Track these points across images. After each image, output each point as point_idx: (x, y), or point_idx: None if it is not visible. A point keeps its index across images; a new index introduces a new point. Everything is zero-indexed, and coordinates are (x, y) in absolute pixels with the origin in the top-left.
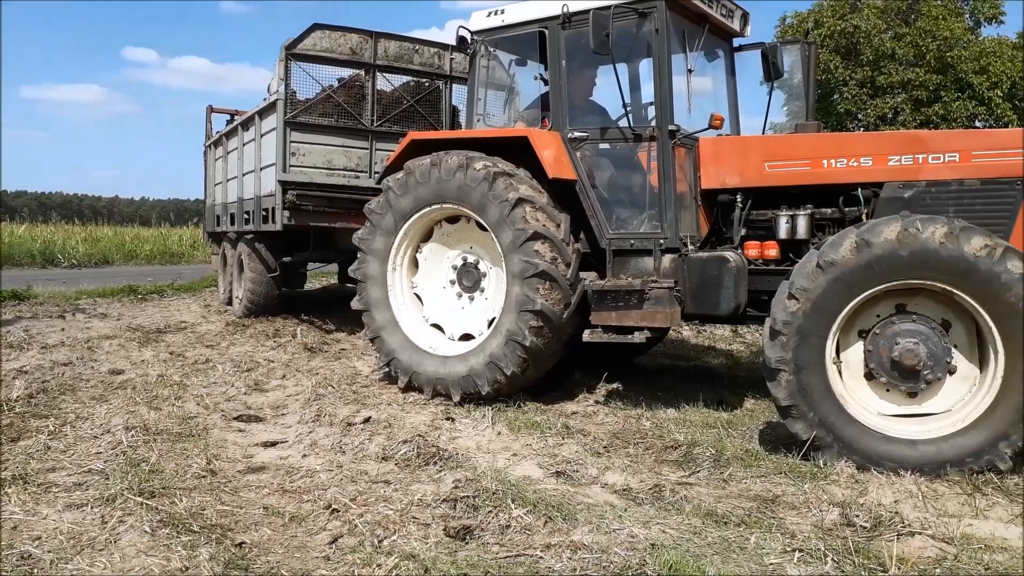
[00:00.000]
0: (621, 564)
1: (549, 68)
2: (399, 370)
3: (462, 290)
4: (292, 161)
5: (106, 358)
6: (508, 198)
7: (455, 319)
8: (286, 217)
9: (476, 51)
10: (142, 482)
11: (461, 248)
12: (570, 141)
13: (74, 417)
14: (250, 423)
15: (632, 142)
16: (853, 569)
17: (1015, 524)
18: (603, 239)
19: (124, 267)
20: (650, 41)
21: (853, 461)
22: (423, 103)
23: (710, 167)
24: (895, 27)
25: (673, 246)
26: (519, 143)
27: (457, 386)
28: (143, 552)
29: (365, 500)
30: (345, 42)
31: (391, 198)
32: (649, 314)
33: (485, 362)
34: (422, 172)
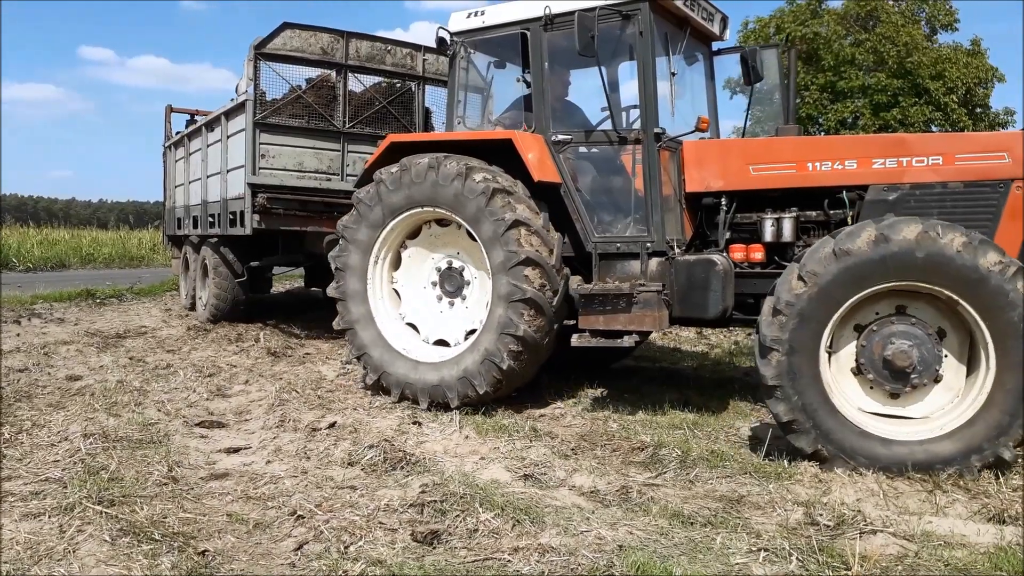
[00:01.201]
0: (589, 566)
1: (531, 70)
2: (369, 367)
3: (443, 294)
4: (262, 163)
5: (63, 364)
6: (504, 218)
7: (432, 322)
8: (256, 221)
9: (456, 53)
10: (101, 490)
11: (447, 252)
12: (554, 144)
13: (30, 425)
14: (212, 429)
15: (617, 145)
16: (817, 567)
17: (974, 521)
18: (588, 242)
19: (82, 271)
20: (634, 43)
21: (825, 451)
22: (395, 104)
23: (694, 170)
24: (855, 33)
25: (660, 249)
26: (500, 145)
27: (426, 394)
28: (103, 562)
29: (331, 506)
30: (316, 42)
31: (382, 192)
32: (637, 317)
33: (458, 376)
34: (418, 172)
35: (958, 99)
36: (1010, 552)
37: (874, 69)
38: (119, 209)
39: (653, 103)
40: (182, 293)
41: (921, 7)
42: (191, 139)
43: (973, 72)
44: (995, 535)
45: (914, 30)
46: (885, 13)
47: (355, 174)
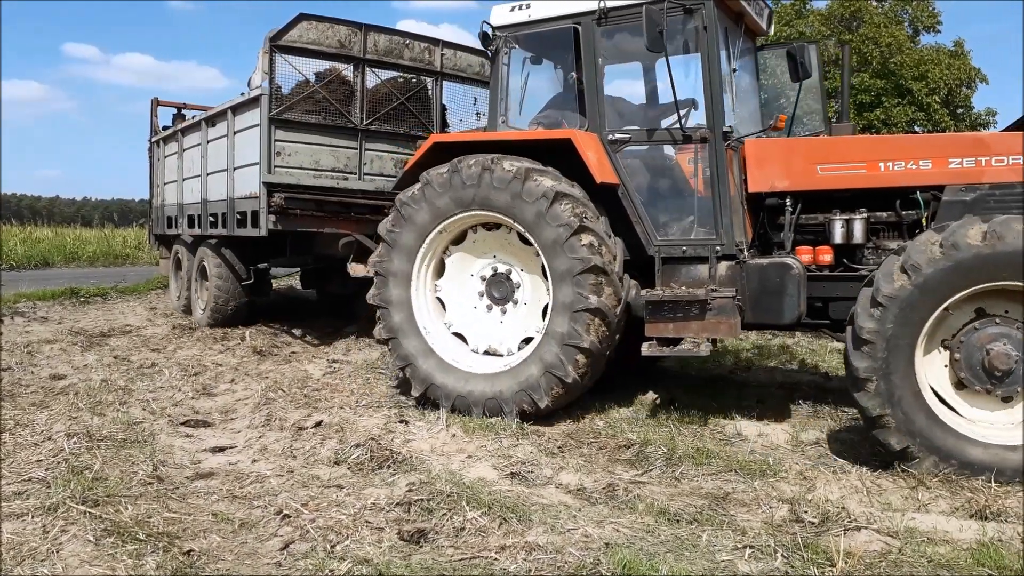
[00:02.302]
0: (575, 564)
1: (584, 66)
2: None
3: (491, 301)
4: (277, 161)
5: (47, 363)
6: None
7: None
8: (271, 222)
9: (499, 48)
10: (85, 490)
11: (494, 257)
12: (610, 143)
13: (13, 424)
14: (198, 428)
15: (680, 144)
16: (802, 564)
17: (956, 517)
18: (650, 246)
19: (65, 269)
20: (697, 39)
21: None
22: (412, 101)
23: (757, 170)
24: (839, 33)
25: (730, 253)
26: (550, 145)
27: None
28: (87, 562)
29: (317, 505)
30: (333, 34)
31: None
32: (711, 324)
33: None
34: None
35: (940, 99)
36: (992, 548)
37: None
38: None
39: (719, 100)
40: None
41: (904, 8)
42: (185, 134)
43: (955, 73)
44: (977, 531)
45: (897, 31)
46: (868, 14)
47: (372, 173)
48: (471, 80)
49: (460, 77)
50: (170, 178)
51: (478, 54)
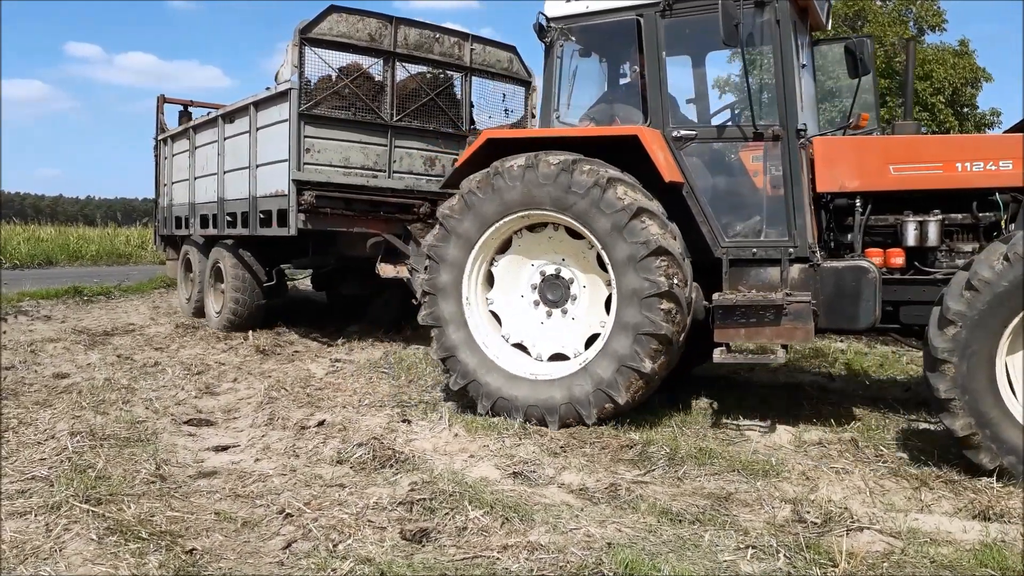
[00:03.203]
0: (578, 564)
1: (646, 60)
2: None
3: (546, 305)
4: (306, 158)
5: (50, 361)
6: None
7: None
8: (301, 221)
9: (553, 41)
10: (88, 489)
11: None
12: (675, 140)
13: (16, 423)
14: (201, 427)
15: (750, 142)
16: (804, 565)
17: (959, 518)
18: (717, 248)
19: (69, 268)
20: (768, 33)
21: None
22: (441, 96)
23: (826, 169)
24: (842, 33)
25: (803, 255)
26: (609, 143)
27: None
28: (90, 560)
29: (319, 504)
30: (363, 27)
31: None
32: (787, 330)
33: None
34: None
35: (945, 99)
36: (995, 549)
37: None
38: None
39: (793, 97)
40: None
41: (908, 8)
42: (198, 132)
43: (960, 73)
44: (980, 532)
45: (902, 30)
46: (872, 13)
47: (401, 171)
48: (500, 76)
49: (489, 73)
50: (180, 177)
51: (507, 50)
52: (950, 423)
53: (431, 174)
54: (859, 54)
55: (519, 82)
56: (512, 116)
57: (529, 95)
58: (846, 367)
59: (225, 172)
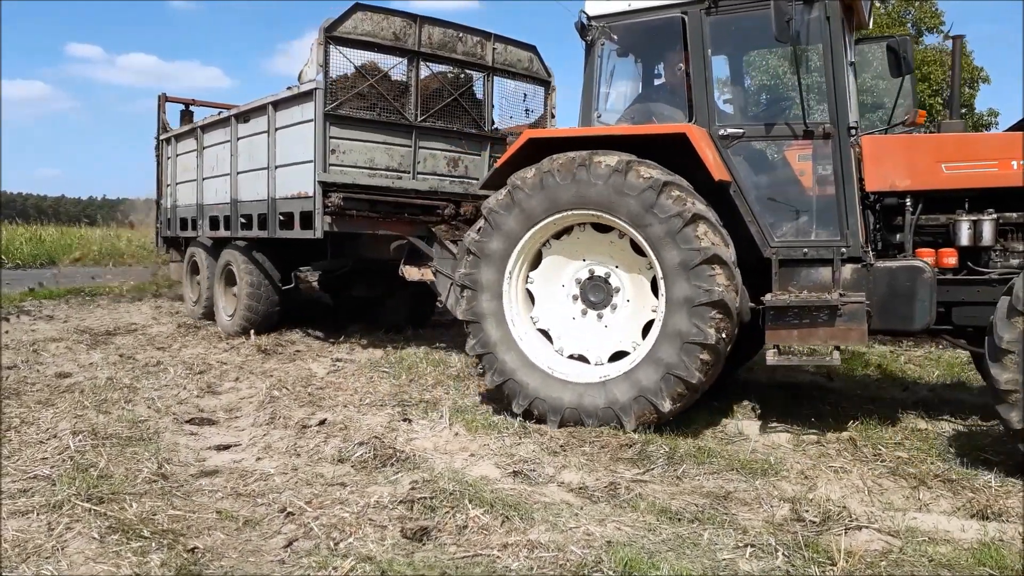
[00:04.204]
0: (577, 562)
1: (691, 58)
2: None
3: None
4: (331, 159)
5: (53, 361)
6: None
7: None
8: (327, 223)
9: (594, 40)
10: (90, 488)
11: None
12: (721, 139)
13: (19, 422)
14: (202, 426)
15: (799, 140)
16: (803, 563)
17: (958, 517)
18: (766, 248)
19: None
20: (818, 30)
21: None
22: (464, 96)
23: (875, 167)
24: None
25: (855, 255)
26: (653, 141)
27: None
28: (91, 559)
29: (321, 503)
30: (388, 26)
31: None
32: (841, 332)
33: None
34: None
35: (943, 101)
36: (993, 548)
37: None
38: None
39: (843, 94)
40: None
41: (907, 9)
42: (206, 131)
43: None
44: (979, 531)
45: (900, 32)
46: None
47: (425, 172)
48: (521, 76)
49: (510, 72)
50: (185, 177)
51: (527, 49)
52: (1007, 414)
53: (454, 175)
54: (902, 53)
55: (539, 82)
56: (532, 116)
57: (549, 95)
58: (845, 367)
59: (239, 173)
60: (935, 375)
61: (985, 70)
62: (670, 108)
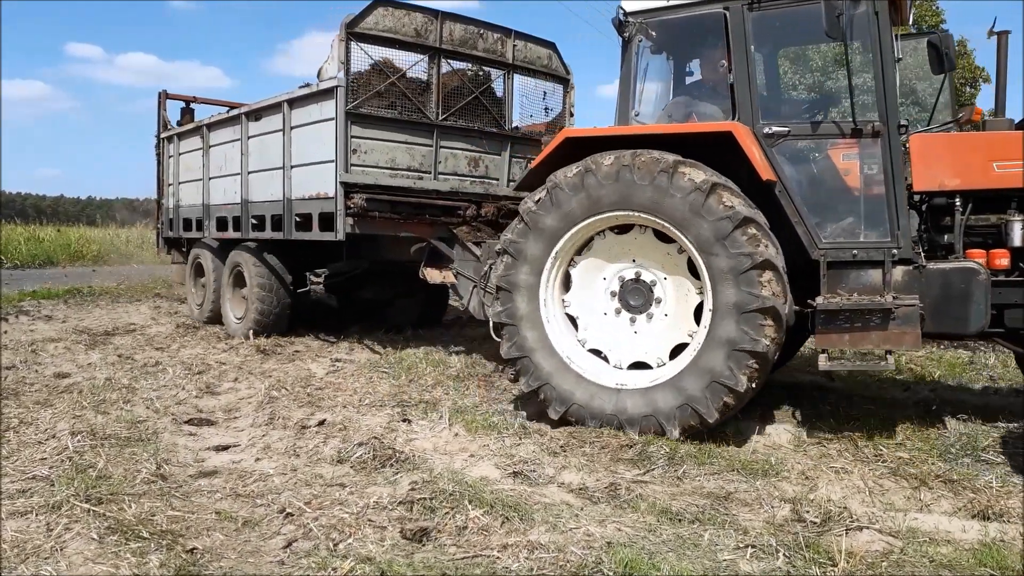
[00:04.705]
0: (577, 563)
1: (733, 54)
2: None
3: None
4: (352, 159)
5: (51, 361)
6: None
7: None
8: (349, 225)
9: (631, 36)
10: (89, 488)
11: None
12: (766, 137)
13: (17, 422)
14: (201, 427)
15: (845, 138)
16: (804, 564)
17: (959, 517)
18: (814, 250)
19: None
20: (866, 25)
21: None
22: (484, 94)
23: (923, 166)
24: None
25: (907, 256)
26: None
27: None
28: (90, 560)
29: (320, 503)
30: (409, 22)
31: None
32: (895, 336)
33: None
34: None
35: None
36: (994, 548)
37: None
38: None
39: (893, 91)
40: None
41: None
42: (213, 130)
43: (959, 73)
44: (980, 531)
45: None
46: None
47: (446, 172)
48: (540, 73)
49: (530, 70)
50: (189, 177)
51: (546, 46)
52: None
53: (475, 175)
54: (943, 49)
55: (558, 79)
56: (551, 115)
57: (567, 93)
58: None
59: (250, 173)
60: (935, 375)
61: (986, 70)
62: (709, 106)
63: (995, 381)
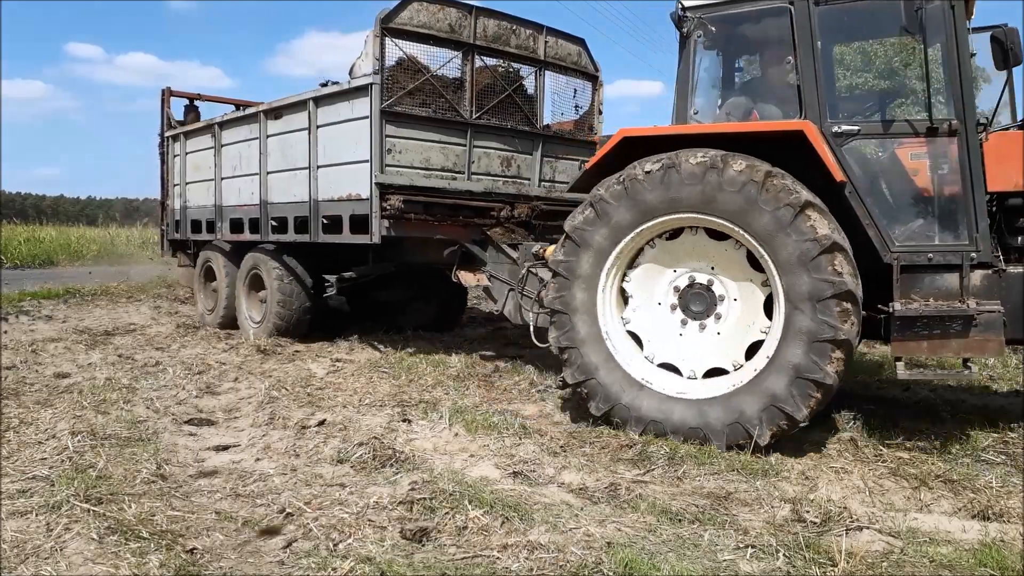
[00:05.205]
0: (577, 563)
1: (800, 50)
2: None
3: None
4: (387, 159)
5: (51, 361)
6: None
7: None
8: (385, 227)
9: (690, 32)
10: (89, 488)
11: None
12: (834, 136)
13: (18, 422)
14: (201, 427)
15: (918, 137)
16: (804, 564)
17: (959, 517)
18: (886, 253)
19: (70, 268)
20: (942, 19)
21: None
22: (516, 92)
23: (998, 167)
24: None
25: (986, 260)
26: (757, 140)
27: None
28: (90, 560)
29: (320, 503)
30: (444, 17)
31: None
32: (976, 343)
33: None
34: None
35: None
36: (994, 548)
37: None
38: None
39: (970, 88)
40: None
41: None
42: (226, 128)
43: None
44: (980, 531)
45: None
46: None
47: (479, 172)
48: (570, 70)
49: (561, 67)
50: (197, 177)
51: (576, 43)
52: None
53: (507, 175)
54: (1008, 44)
55: (587, 76)
56: (580, 112)
57: (596, 90)
58: None
59: (269, 173)
60: None
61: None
62: (769, 104)
63: (995, 381)
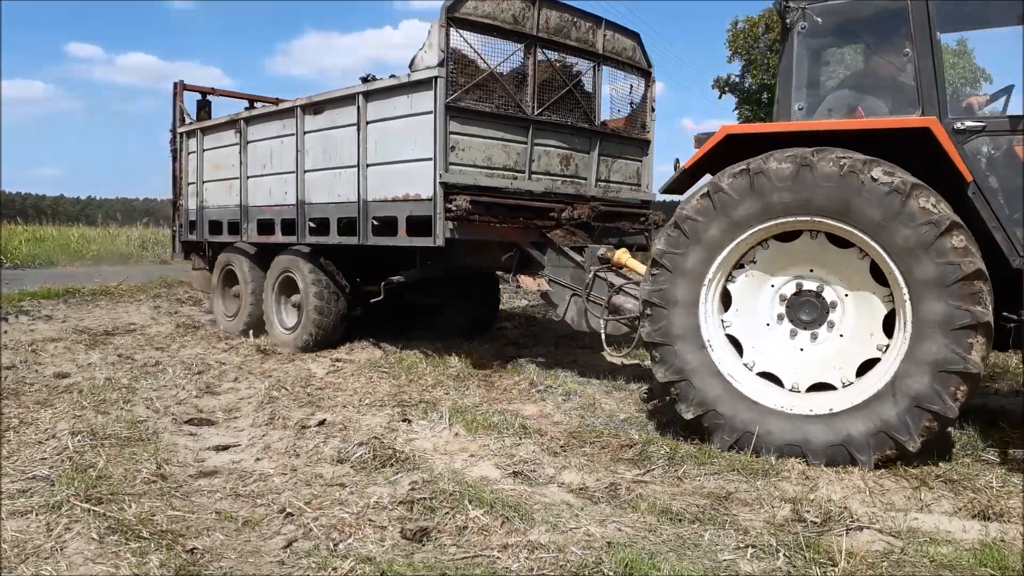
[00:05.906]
0: (577, 563)
1: (917, 43)
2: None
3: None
4: (451, 158)
5: (51, 361)
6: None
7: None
8: (449, 230)
9: (795, 23)
10: (89, 488)
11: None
12: (956, 133)
13: (17, 422)
14: (201, 427)
15: None
16: (804, 564)
17: (959, 517)
18: (1015, 258)
19: (70, 268)
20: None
21: None
22: (576, 87)
23: None
24: None
25: None
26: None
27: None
28: (90, 560)
29: (320, 503)
30: (508, 7)
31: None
32: None
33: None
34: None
35: None
36: (994, 548)
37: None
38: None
39: None
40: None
41: None
42: (252, 124)
43: (959, 72)
44: (980, 531)
45: None
46: None
47: (539, 172)
48: (626, 65)
49: (617, 62)
50: (217, 175)
51: (631, 37)
52: None
53: (566, 175)
54: None
55: (641, 72)
56: (634, 109)
57: (649, 86)
58: None
59: (307, 171)
60: None
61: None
62: (874, 99)
63: (995, 381)
